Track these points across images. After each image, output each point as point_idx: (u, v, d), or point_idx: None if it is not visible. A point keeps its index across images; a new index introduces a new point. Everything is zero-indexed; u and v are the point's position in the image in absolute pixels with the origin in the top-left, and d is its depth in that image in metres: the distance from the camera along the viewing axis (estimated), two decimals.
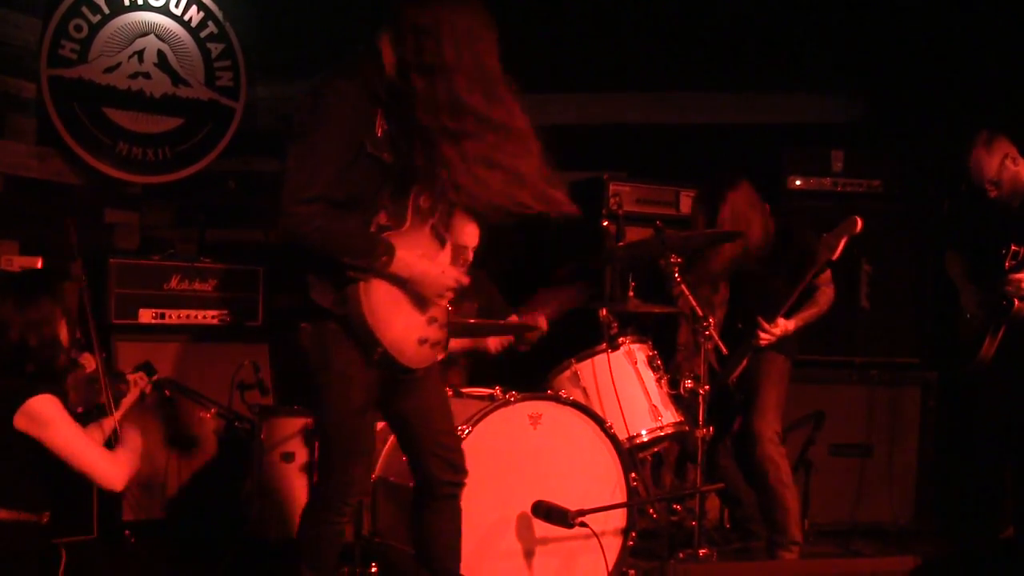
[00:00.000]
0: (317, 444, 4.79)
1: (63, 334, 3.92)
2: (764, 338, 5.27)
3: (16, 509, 3.72)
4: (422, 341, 3.76)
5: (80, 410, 4.07)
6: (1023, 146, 5.46)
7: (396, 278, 3.66)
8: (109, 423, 4.15)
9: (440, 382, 4.04)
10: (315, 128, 3.53)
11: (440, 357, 3.89)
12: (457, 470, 3.96)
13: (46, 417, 3.70)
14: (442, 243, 3.86)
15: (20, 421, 3.69)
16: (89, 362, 4.16)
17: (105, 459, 3.82)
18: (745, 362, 5.33)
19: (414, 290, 3.72)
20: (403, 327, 3.70)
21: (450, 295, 3.82)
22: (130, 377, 4.32)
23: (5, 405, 3.70)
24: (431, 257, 3.79)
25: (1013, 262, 5.25)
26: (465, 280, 3.83)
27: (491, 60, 3.61)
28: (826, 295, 5.41)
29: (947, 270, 5.83)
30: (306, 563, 3.82)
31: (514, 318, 5.49)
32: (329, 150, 3.52)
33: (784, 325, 5.28)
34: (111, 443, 4.09)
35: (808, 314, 5.38)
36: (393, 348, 3.66)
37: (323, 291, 3.64)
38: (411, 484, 4.32)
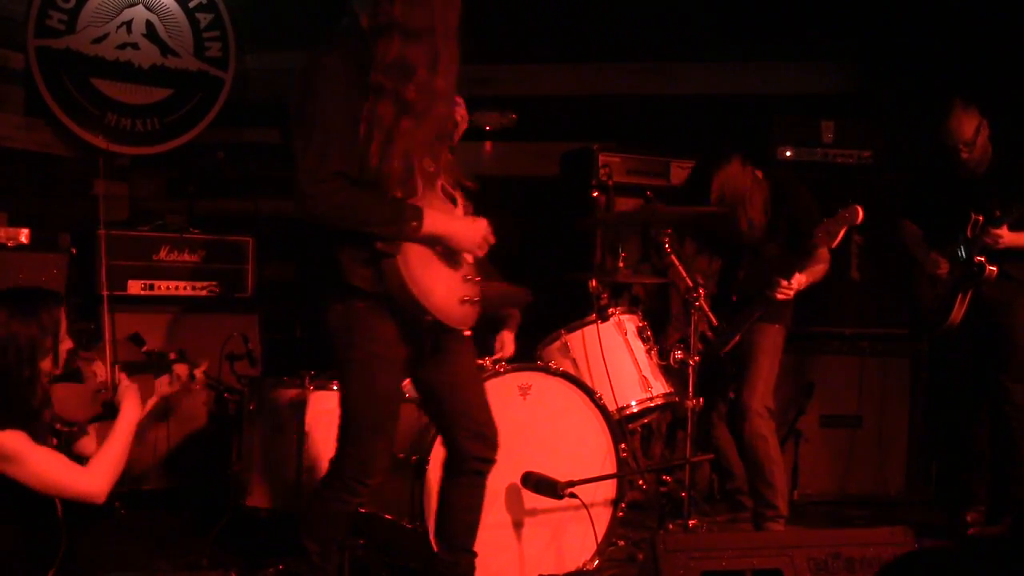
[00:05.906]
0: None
1: (47, 365, 3.56)
2: (783, 294, 5.15)
3: None
4: (463, 300, 3.76)
5: (75, 429, 3.76)
6: (1015, 112, 5.54)
7: (428, 240, 3.64)
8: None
9: (473, 355, 4.03)
10: (312, 109, 3.52)
11: (478, 312, 3.87)
12: (488, 445, 3.92)
13: (13, 455, 3.39)
14: (454, 202, 3.83)
15: None
16: (100, 371, 3.78)
17: (82, 479, 3.53)
18: (738, 336, 5.31)
19: (449, 248, 3.71)
20: (444, 291, 3.69)
21: (485, 247, 3.79)
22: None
23: None
24: (452, 215, 3.79)
25: (974, 232, 5.38)
26: (491, 234, 3.81)
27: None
28: (825, 255, 5.33)
29: (902, 237, 5.86)
30: (308, 534, 3.78)
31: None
32: (331, 127, 3.50)
33: (799, 279, 5.18)
34: None
35: (817, 270, 5.30)
36: (441, 314, 3.66)
37: (358, 271, 3.61)
38: (399, 455, 4.33)
